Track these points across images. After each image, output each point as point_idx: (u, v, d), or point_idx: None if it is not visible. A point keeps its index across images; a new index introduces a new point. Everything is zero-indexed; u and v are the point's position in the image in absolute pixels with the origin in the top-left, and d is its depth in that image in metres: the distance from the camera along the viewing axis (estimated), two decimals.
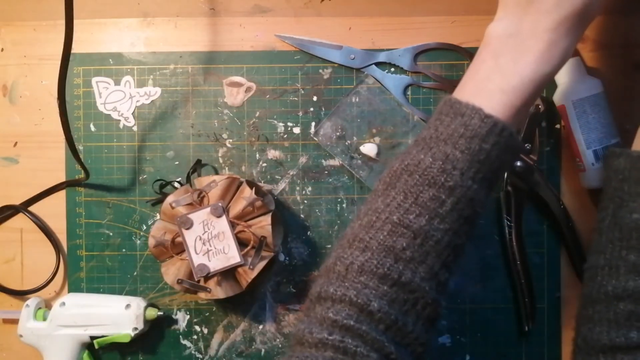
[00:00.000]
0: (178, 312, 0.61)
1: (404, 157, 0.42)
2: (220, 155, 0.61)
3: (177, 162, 0.61)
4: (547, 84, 0.42)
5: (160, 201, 0.59)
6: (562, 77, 0.57)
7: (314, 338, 0.38)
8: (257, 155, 0.61)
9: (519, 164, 0.56)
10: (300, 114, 0.60)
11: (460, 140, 0.40)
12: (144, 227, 0.61)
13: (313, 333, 0.38)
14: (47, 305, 0.61)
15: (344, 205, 0.60)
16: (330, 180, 0.60)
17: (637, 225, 0.44)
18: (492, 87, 0.41)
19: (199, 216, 0.53)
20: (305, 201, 0.60)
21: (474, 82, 0.43)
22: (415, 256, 0.39)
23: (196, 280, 0.53)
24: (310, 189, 0.60)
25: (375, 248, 0.40)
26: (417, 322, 0.40)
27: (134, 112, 0.61)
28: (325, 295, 0.40)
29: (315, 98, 0.60)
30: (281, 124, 0.60)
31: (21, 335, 0.57)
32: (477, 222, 0.42)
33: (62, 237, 0.61)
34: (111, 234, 0.61)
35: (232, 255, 0.52)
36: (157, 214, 0.60)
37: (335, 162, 0.60)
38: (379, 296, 0.39)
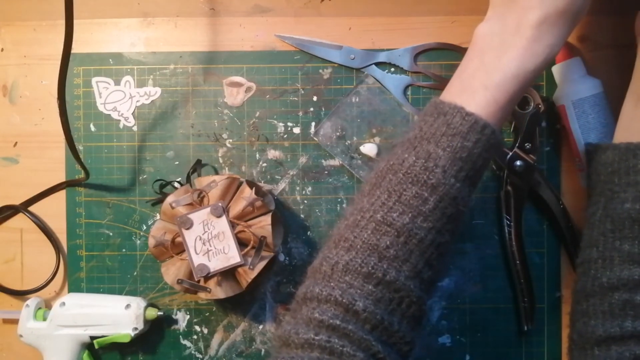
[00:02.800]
0: (178, 312, 0.61)
1: (389, 158, 0.43)
2: (220, 155, 0.61)
3: (177, 162, 0.61)
4: (532, 80, 0.42)
5: (160, 201, 0.59)
6: (562, 77, 0.57)
7: (300, 339, 0.38)
8: (257, 155, 0.61)
9: (518, 163, 0.57)
10: (300, 114, 0.60)
11: (443, 138, 0.41)
12: (144, 227, 0.61)
13: (299, 334, 0.38)
14: (47, 305, 0.61)
15: (344, 205, 0.60)
16: (330, 180, 0.60)
17: (630, 215, 0.45)
18: (476, 84, 0.42)
19: (199, 216, 0.53)
20: (305, 201, 0.60)
21: (460, 81, 0.43)
22: (399, 254, 0.39)
23: (196, 280, 0.53)
24: (310, 189, 0.60)
25: (359, 247, 0.40)
26: (402, 321, 0.40)
27: (134, 112, 0.61)
28: (311, 296, 0.40)
29: (315, 98, 0.60)
30: (281, 124, 0.60)
31: (21, 335, 0.57)
32: (461, 220, 0.42)
33: (62, 237, 0.61)
34: (111, 234, 0.61)
35: (232, 255, 0.52)
36: (157, 214, 0.60)
37: (335, 162, 0.60)
38: (364, 296, 0.39)
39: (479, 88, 0.41)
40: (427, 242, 0.40)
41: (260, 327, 0.60)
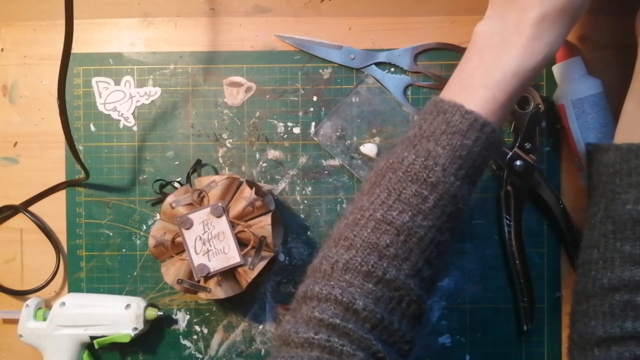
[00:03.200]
0: (178, 312, 0.61)
1: (389, 156, 0.43)
2: (220, 155, 0.61)
3: (177, 162, 0.61)
4: (532, 79, 0.42)
5: (160, 201, 0.59)
6: (563, 77, 0.57)
7: (299, 338, 0.38)
8: (257, 155, 0.61)
9: (518, 163, 0.56)
10: (300, 114, 0.60)
11: (442, 136, 0.41)
12: (144, 227, 0.61)
13: (299, 333, 0.38)
14: (47, 305, 0.61)
15: (344, 205, 0.60)
16: (330, 180, 0.60)
17: (631, 216, 0.45)
18: (475, 82, 0.42)
19: (199, 216, 0.53)
20: (305, 201, 0.60)
21: (459, 79, 0.44)
22: (399, 253, 0.39)
23: (196, 280, 0.53)
24: (310, 189, 0.60)
25: (359, 245, 0.40)
26: (402, 320, 0.40)
27: (134, 112, 0.61)
28: (310, 295, 0.40)
29: (315, 98, 0.60)
30: (281, 124, 0.60)
31: (21, 335, 0.57)
32: (461, 219, 0.42)
33: (62, 237, 0.61)
34: (111, 234, 0.61)
35: (232, 255, 0.52)
36: (157, 214, 0.60)
37: (335, 162, 0.60)
38: (364, 294, 0.39)
39: (478, 86, 0.41)
40: (427, 241, 0.40)
41: (260, 327, 0.60)
